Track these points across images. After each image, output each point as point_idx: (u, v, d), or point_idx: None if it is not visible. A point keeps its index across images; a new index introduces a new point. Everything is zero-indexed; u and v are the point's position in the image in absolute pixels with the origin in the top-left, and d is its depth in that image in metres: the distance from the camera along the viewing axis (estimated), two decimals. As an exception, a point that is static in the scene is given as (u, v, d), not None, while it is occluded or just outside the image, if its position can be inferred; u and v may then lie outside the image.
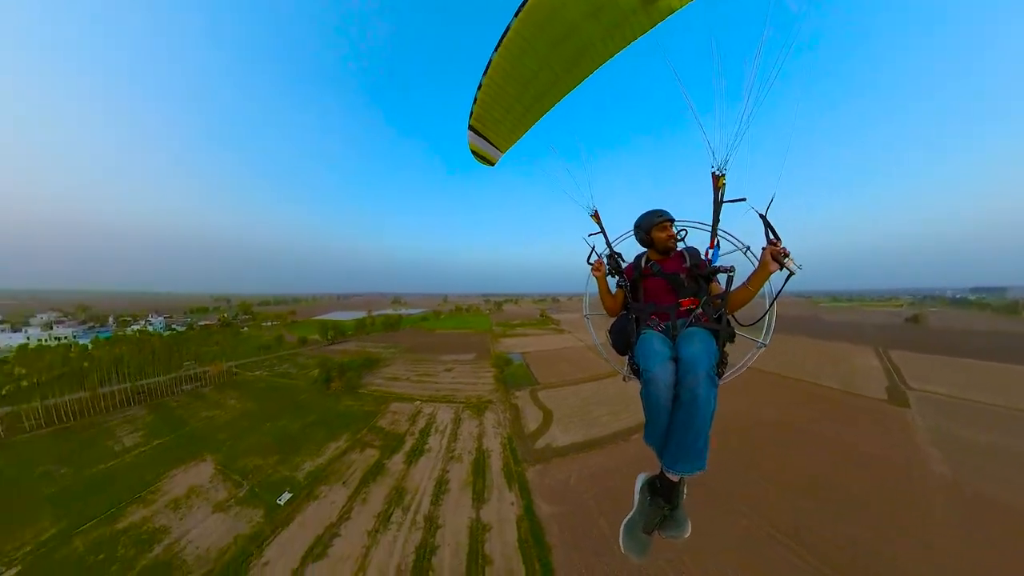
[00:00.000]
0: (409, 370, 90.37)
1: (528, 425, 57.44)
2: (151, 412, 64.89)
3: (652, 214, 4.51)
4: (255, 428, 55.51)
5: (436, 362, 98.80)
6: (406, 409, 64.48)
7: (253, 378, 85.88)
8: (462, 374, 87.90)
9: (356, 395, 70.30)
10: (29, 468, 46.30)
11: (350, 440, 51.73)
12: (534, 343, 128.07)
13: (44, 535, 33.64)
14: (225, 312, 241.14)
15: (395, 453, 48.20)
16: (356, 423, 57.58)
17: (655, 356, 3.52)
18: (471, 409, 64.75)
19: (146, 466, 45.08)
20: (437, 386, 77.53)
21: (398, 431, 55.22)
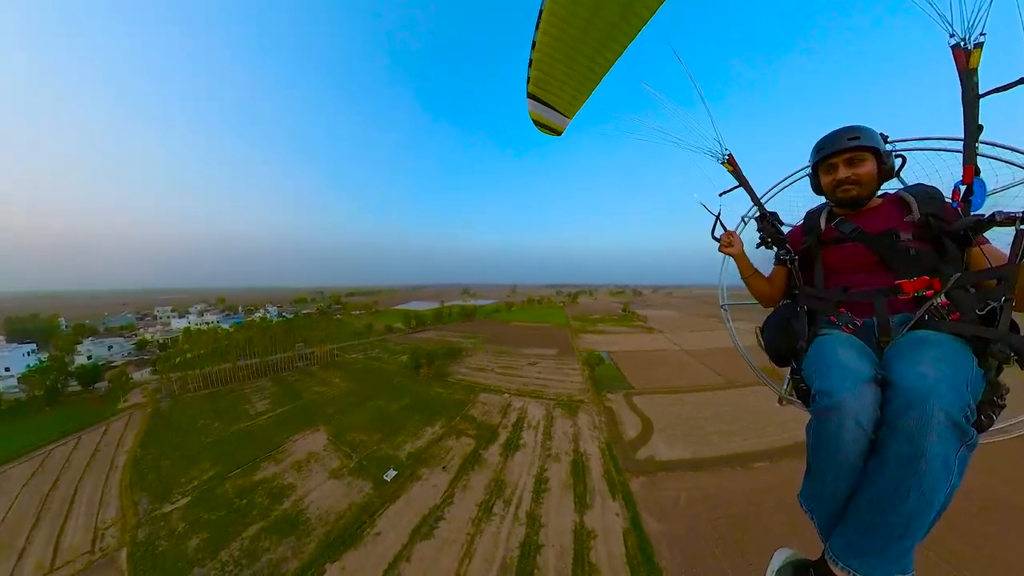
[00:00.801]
0: (492, 362, 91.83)
1: (626, 432, 54.03)
2: (274, 384, 77.09)
3: (832, 136, 2.79)
4: (358, 406, 61.26)
5: (518, 355, 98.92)
6: (496, 401, 64.85)
7: (351, 360, 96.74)
8: (547, 369, 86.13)
9: (445, 383, 73.36)
10: (194, 420, 58.26)
11: (445, 427, 53.49)
12: (620, 342, 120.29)
13: (205, 475, 41.26)
14: (320, 302, 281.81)
15: (490, 444, 48.55)
16: (449, 410, 59.54)
17: (842, 373, 2.15)
18: (563, 407, 62.85)
19: (273, 429, 52.84)
20: (523, 380, 76.98)
21: (491, 422, 55.60)
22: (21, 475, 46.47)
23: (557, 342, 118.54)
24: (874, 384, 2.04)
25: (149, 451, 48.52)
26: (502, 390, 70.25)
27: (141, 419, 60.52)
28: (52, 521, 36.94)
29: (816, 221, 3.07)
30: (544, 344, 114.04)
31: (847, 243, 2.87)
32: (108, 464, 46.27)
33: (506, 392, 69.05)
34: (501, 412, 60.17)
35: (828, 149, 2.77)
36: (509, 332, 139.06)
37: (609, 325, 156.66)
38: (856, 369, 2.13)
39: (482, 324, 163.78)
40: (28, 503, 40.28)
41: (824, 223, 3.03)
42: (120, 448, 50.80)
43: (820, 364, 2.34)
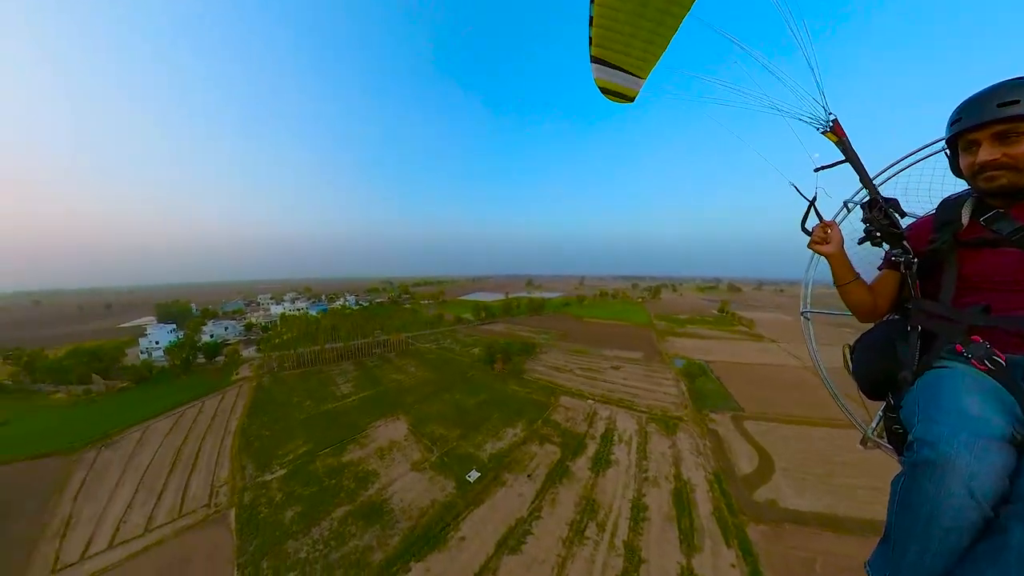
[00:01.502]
0: (570, 361, 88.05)
1: (739, 464, 47.34)
2: (356, 368, 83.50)
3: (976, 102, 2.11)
4: (434, 397, 62.64)
5: (598, 356, 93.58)
6: (579, 406, 61.12)
7: (425, 349, 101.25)
8: (633, 376, 79.56)
9: (522, 380, 71.81)
10: (289, 396, 65.19)
11: (526, 429, 51.54)
12: (718, 350, 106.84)
13: (299, 450, 45.02)
14: (391, 292, 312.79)
15: (577, 456, 45.32)
16: (529, 411, 57.60)
17: (958, 421, 1.72)
18: (657, 423, 56.94)
19: (357, 413, 56.32)
20: (608, 386, 71.90)
21: (576, 430, 52.21)
22: (163, 428, 56.71)
23: (640, 344, 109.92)
24: (1007, 445, 1.63)
25: (254, 421, 55.02)
26: (585, 395, 66.16)
27: (248, 391, 69.77)
28: (181, 472, 43.52)
29: (956, 213, 2.43)
30: (626, 345, 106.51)
31: (1002, 248, 2.21)
32: (223, 429, 53.51)
33: (590, 398, 64.81)
34: (586, 420, 56.35)
35: (968, 120, 2.11)
36: (583, 329, 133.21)
37: (702, 328, 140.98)
38: (981, 419, 1.68)
39: (552, 319, 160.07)
40: (165, 453, 48.30)
41: (968, 217, 2.39)
42: (232, 415, 58.66)
43: (929, 404, 1.89)
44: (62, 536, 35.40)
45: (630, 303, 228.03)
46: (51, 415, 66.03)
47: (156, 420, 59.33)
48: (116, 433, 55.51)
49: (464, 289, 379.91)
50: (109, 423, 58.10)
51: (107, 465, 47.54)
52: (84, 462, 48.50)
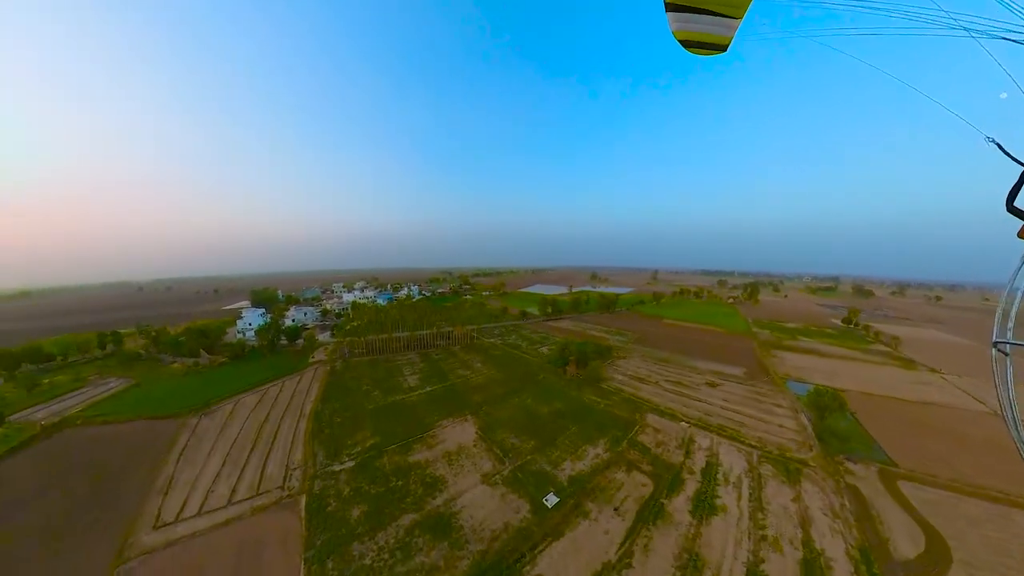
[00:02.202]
0: (654, 371, 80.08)
1: (896, 542, 37.30)
2: (422, 359, 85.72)
3: None
4: (503, 400, 60.69)
5: (687, 368, 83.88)
6: (671, 429, 54.14)
7: (489, 344, 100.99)
8: (735, 397, 69.15)
9: (599, 389, 66.59)
10: (359, 383, 68.34)
11: (610, 450, 46.55)
12: (848, 375, 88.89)
13: (367, 443, 45.76)
14: (452, 283, 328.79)
15: (674, 493, 39.33)
16: (611, 428, 52.42)
17: None
18: (774, 464, 47.88)
19: (424, 408, 56.45)
20: (703, 406, 63.20)
21: (669, 459, 45.81)
22: (250, 403, 62.98)
23: (739, 357, 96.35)
24: None
25: (326, 406, 58.06)
26: (677, 415, 58.65)
27: (322, 375, 74.86)
28: (261, 449, 46.85)
29: None
30: (721, 357, 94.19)
31: None
32: (299, 411, 57.33)
33: (684, 420, 57.20)
34: (682, 448, 49.29)
35: None
36: (664, 333, 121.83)
37: (821, 342, 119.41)
38: None
39: (626, 318, 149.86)
40: (249, 428, 52.92)
41: None
42: (307, 398, 62.84)
43: None
44: (164, 494, 39.84)
45: (718, 304, 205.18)
46: (169, 381, 78.02)
47: (245, 395, 66.31)
48: (215, 402, 63.07)
49: (524, 281, 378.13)
50: (209, 393, 66.55)
51: (204, 432, 53.56)
52: (188, 427, 55.37)
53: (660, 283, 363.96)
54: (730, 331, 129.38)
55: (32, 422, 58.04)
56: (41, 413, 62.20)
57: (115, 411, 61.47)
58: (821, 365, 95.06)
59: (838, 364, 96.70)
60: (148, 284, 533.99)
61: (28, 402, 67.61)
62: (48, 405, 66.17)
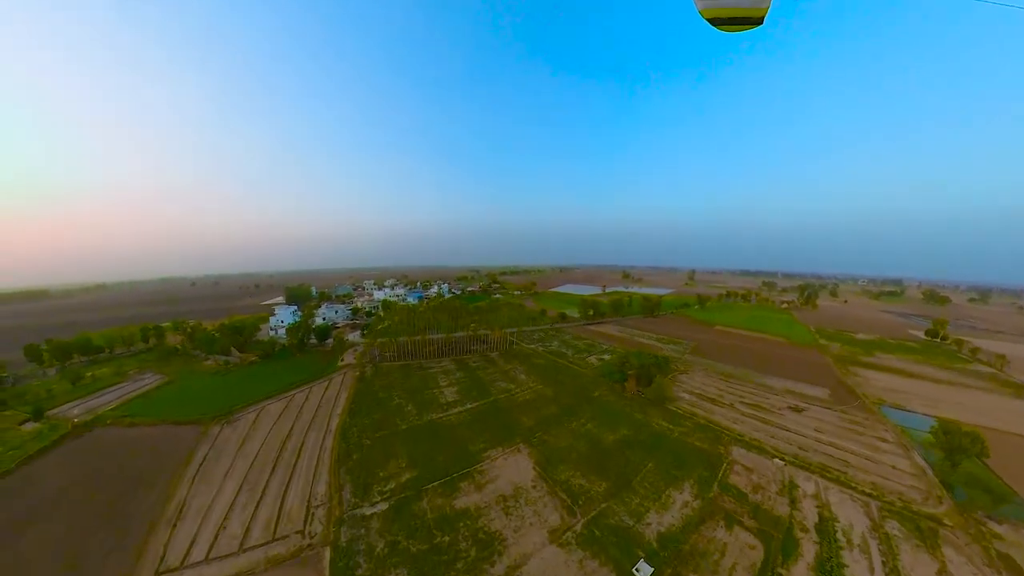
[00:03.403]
0: (724, 390, 69.19)
1: None
2: (458, 367, 78.54)
3: None
4: (559, 423, 52.26)
5: (762, 387, 72.31)
6: (764, 468, 44.05)
7: (530, 351, 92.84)
8: (829, 427, 57.67)
9: (667, 412, 56.76)
10: (390, 393, 61.82)
11: (700, 496, 37.22)
12: (955, 401, 74.23)
13: (402, 476, 38.44)
14: (480, 281, 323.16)
15: (790, 560, 31.06)
16: (693, 464, 42.92)
17: None
18: (901, 521, 37.94)
19: (467, 431, 48.87)
20: (795, 438, 52.40)
21: (773, 511, 36.46)
22: (275, 411, 57.76)
23: (817, 374, 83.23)
24: None
25: (355, 421, 51.62)
26: (766, 449, 48.21)
27: (350, 382, 69.00)
28: (282, 473, 40.64)
29: None
30: (795, 374, 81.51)
31: None
32: (324, 425, 51.29)
33: (777, 456, 46.79)
34: (783, 492, 39.38)
35: None
36: (723, 343, 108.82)
37: (905, 358, 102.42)
38: None
39: (672, 323, 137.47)
40: (272, 444, 47.13)
41: None
42: (334, 408, 56.85)
43: None
44: (173, 525, 34.29)
45: (771, 309, 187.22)
46: (199, 380, 75.37)
47: (270, 401, 61.31)
48: (238, 409, 58.42)
49: (553, 280, 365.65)
50: (235, 397, 62.31)
51: (224, 444, 48.33)
52: (208, 437, 50.48)
53: (699, 284, 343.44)
54: (794, 342, 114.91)
55: (67, 419, 57.54)
56: (77, 409, 61.88)
57: (143, 412, 60.02)
58: (916, 388, 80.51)
59: (936, 388, 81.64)
60: (199, 279, 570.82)
61: (71, 396, 68.35)
62: (86, 400, 66.07)
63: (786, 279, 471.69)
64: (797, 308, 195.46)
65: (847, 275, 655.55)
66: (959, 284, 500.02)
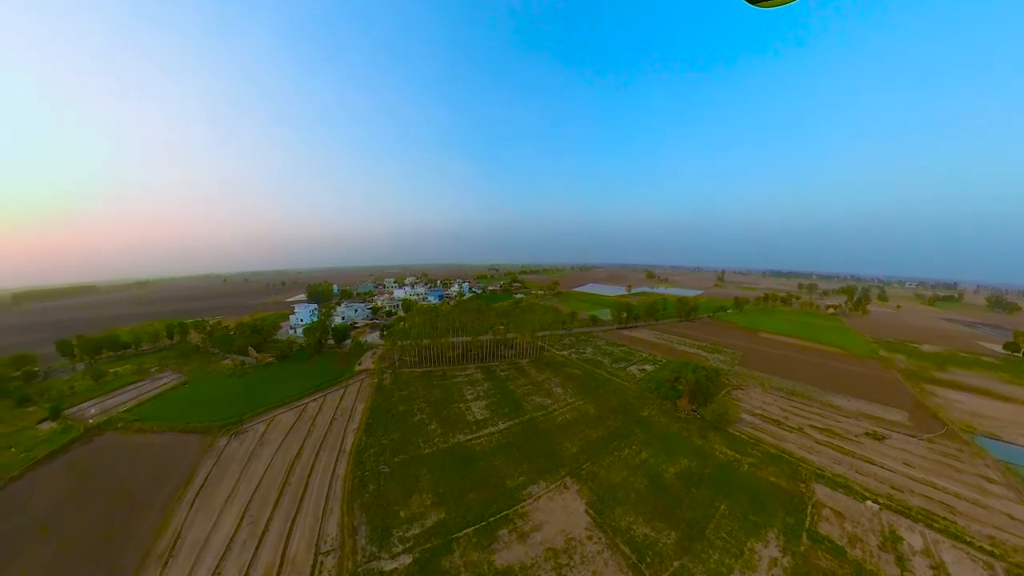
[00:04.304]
0: (788, 410, 60.74)
1: None
2: (485, 377, 72.54)
3: None
4: (608, 450, 45.41)
5: (830, 408, 63.40)
6: (856, 512, 36.45)
7: (563, 359, 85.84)
8: (920, 460, 48.96)
9: (730, 437, 49.09)
10: (412, 407, 56.20)
11: (788, 551, 30.28)
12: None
13: (428, 518, 32.58)
14: (501, 280, 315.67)
15: None
16: (774, 507, 35.69)
17: None
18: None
19: (502, 460, 42.35)
20: (883, 474, 44.27)
21: (879, 572, 29.37)
22: (285, 423, 53.21)
23: (887, 392, 73.16)
24: None
25: (372, 440, 46.36)
26: (853, 487, 40.18)
27: (368, 390, 64.03)
28: (288, 503, 35.63)
29: None
30: (864, 392, 71.60)
31: None
32: (338, 444, 46.17)
33: (870, 498, 38.87)
34: (887, 548, 31.90)
35: None
36: (772, 352, 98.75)
37: (987, 375, 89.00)
38: None
39: (711, 328, 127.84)
40: (279, 465, 42.27)
41: None
42: (350, 423, 51.84)
43: None
44: (164, 564, 29.72)
45: (816, 315, 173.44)
46: (214, 382, 72.63)
47: (282, 410, 57.14)
48: (248, 418, 54.35)
49: (575, 279, 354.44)
50: (246, 404, 58.50)
51: (230, 460, 43.92)
52: (214, 451, 46.32)
53: (729, 285, 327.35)
54: (852, 353, 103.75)
55: (82, 420, 56.59)
56: (94, 409, 60.97)
57: (155, 415, 57.53)
58: (1011, 414, 69.19)
59: None
60: (231, 276, 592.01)
61: (92, 393, 68.10)
62: (104, 400, 65.21)
63: (822, 280, 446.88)
64: (845, 314, 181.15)
65: (890, 277, 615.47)
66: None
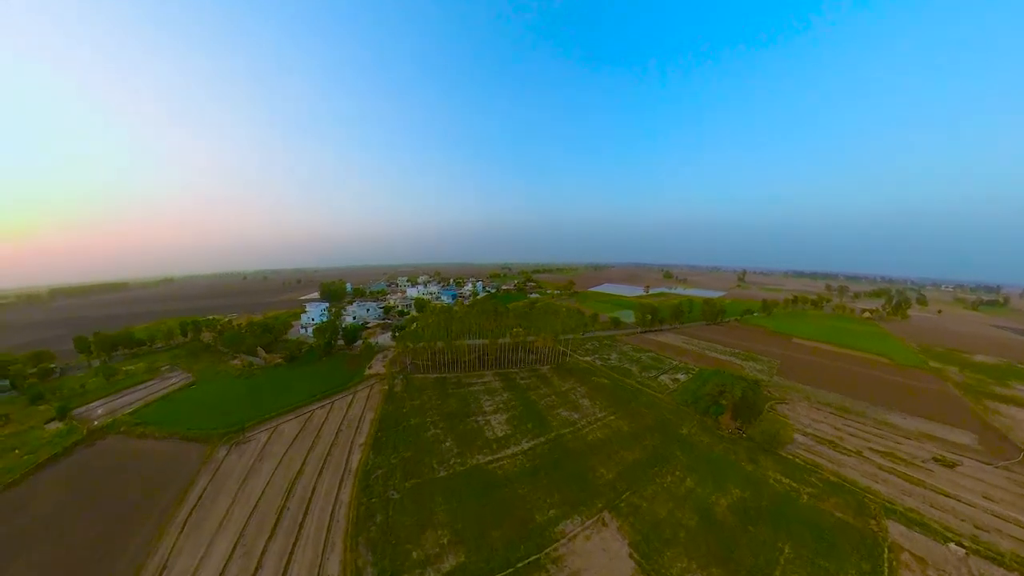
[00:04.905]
0: (842, 429, 54.27)
1: None
2: (504, 386, 67.32)
3: None
4: (647, 476, 40.21)
5: (886, 426, 56.69)
6: (939, 557, 31.12)
7: (587, 366, 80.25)
8: (1001, 492, 42.45)
9: (783, 461, 43.47)
10: (425, 419, 51.86)
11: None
12: None
13: (445, 561, 27.88)
14: (514, 279, 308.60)
15: None
16: (845, 550, 30.38)
17: None
18: None
19: (528, 489, 37.26)
20: (964, 509, 38.19)
21: None
22: (290, 432, 49.63)
23: (945, 409, 65.39)
24: None
25: (380, 459, 42.15)
26: (930, 525, 34.33)
27: (377, 399, 59.92)
28: (285, 532, 31.75)
29: None
30: (921, 409, 63.88)
31: None
32: (343, 462, 42.11)
33: (952, 539, 32.99)
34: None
35: None
36: (810, 360, 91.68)
37: None
38: None
39: (741, 333, 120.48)
40: (279, 483, 38.57)
41: None
42: (357, 436, 47.91)
43: None
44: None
45: (852, 319, 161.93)
46: (221, 383, 70.40)
47: (286, 418, 53.80)
48: (251, 426, 51.09)
49: (590, 279, 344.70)
50: (250, 410, 55.55)
51: (227, 476, 40.38)
52: (212, 463, 42.99)
53: (751, 286, 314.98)
54: (898, 363, 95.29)
55: (87, 420, 55.64)
56: (101, 409, 60.11)
57: (159, 419, 55.43)
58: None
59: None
60: (251, 274, 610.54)
61: (101, 392, 67.39)
62: (112, 399, 64.23)
63: (850, 282, 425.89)
64: (882, 318, 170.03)
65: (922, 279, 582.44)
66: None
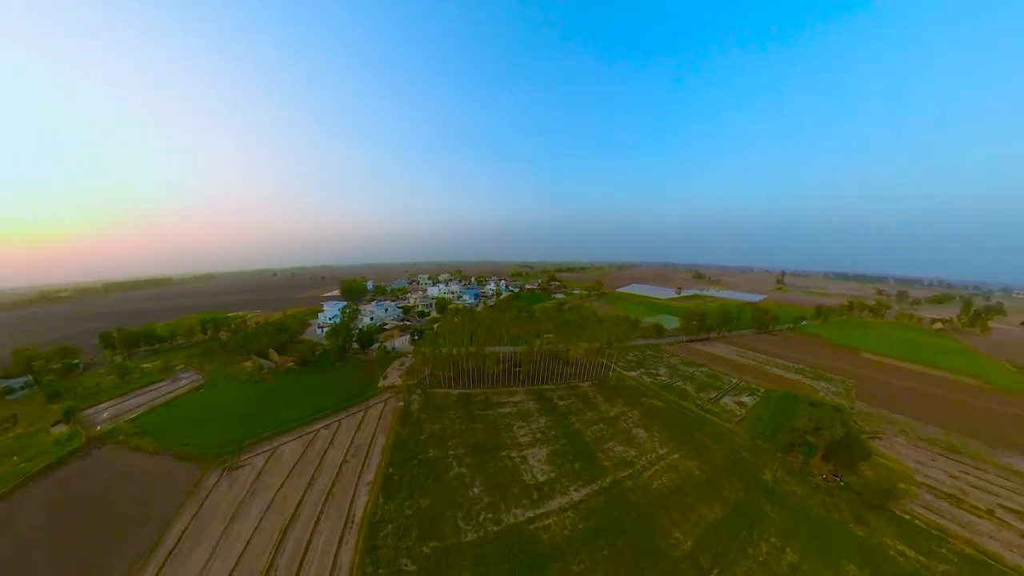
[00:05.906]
0: (960, 478, 42.66)
1: None
2: (540, 407, 57.72)
3: None
4: (736, 544, 31.13)
5: (1014, 475, 44.26)
6: None
7: (634, 383, 69.38)
8: None
9: (897, 522, 33.02)
10: (446, 449, 43.76)
11: None
12: None
13: None
14: (538, 278, 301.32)
15: None
16: None
17: None
18: None
19: (584, 564, 28.54)
20: None
21: None
22: (290, 457, 43.14)
23: None
24: None
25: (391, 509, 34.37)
26: None
27: (391, 420, 52.33)
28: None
29: None
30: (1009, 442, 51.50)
31: None
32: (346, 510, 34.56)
33: None
34: None
35: None
36: (890, 382, 77.80)
37: None
38: None
39: (798, 344, 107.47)
40: (268, 530, 31.61)
41: None
42: (365, 469, 40.37)
43: None
44: None
45: (920, 330, 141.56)
46: (228, 389, 66.14)
47: (288, 439, 47.69)
48: (249, 445, 45.22)
49: (616, 279, 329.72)
50: (251, 425, 50.16)
51: (213, 512, 34.29)
52: (200, 491, 37.36)
53: (792, 289, 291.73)
54: (997, 387, 79.83)
55: (90, 426, 53.81)
56: (107, 413, 58.51)
57: (158, 428, 51.51)
58: None
59: None
60: (280, 271, 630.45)
61: (113, 392, 66.64)
62: (120, 401, 62.81)
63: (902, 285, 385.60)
64: (957, 330, 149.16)
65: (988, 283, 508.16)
66: None
